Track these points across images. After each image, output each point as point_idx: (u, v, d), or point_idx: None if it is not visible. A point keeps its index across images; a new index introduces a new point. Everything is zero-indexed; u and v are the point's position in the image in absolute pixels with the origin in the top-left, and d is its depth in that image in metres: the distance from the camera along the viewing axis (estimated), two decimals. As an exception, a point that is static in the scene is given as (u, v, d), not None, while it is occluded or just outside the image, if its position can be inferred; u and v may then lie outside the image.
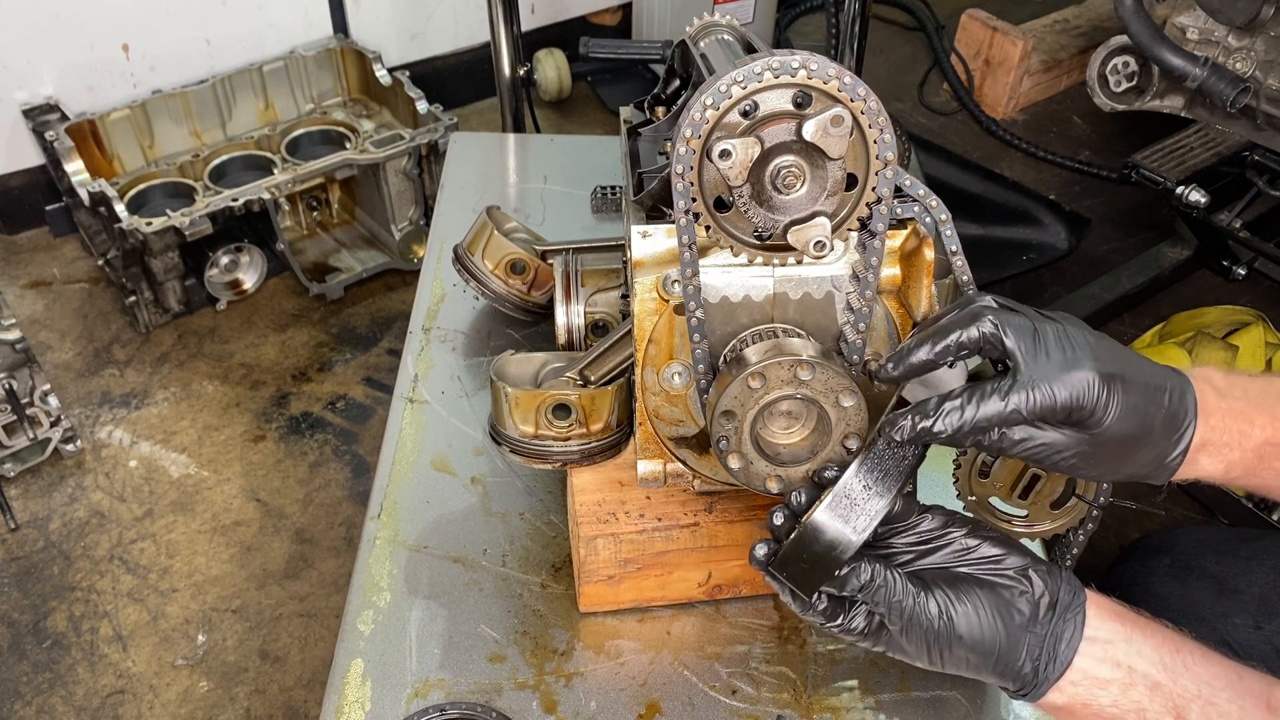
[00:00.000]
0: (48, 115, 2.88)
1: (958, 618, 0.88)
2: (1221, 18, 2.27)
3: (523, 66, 2.51)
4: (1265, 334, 2.56)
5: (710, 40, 1.25)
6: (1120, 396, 0.86)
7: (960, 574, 0.91)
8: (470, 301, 1.64)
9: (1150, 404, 0.88)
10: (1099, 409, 0.85)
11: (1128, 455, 0.90)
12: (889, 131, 0.90)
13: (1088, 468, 0.90)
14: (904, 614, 0.88)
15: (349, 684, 1.15)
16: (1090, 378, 0.85)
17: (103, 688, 2.13)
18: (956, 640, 0.88)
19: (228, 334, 2.90)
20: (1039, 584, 0.89)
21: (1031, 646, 0.88)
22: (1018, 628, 0.88)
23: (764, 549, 0.92)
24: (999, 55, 3.72)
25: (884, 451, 0.90)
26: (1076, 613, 0.88)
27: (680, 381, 1.08)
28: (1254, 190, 2.62)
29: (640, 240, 1.03)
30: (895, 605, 0.88)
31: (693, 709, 1.14)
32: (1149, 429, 0.88)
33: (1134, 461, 0.90)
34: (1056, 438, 0.88)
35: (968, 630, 0.88)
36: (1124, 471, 0.92)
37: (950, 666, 0.91)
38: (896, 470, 0.89)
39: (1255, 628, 1.28)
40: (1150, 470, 0.91)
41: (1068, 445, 0.88)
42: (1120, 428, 0.87)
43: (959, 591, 0.89)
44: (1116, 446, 0.88)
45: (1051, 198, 3.35)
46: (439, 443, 1.42)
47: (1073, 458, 0.89)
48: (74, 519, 2.43)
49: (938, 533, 0.93)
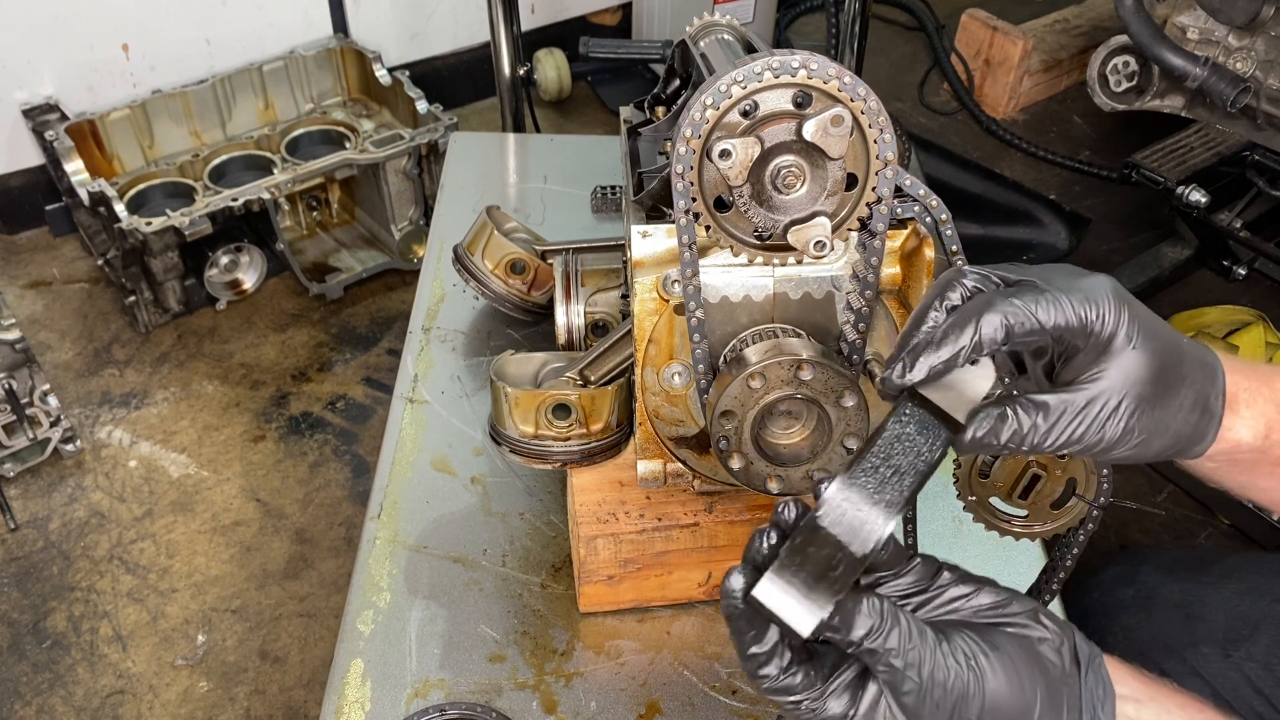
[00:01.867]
0: (47, 115, 2.88)
1: (990, 671, 0.70)
2: (1222, 17, 2.27)
3: (523, 66, 2.51)
4: (1265, 334, 2.56)
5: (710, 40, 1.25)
6: (1138, 314, 0.76)
7: (974, 622, 0.74)
8: (470, 301, 1.64)
9: (1168, 333, 0.78)
10: (1123, 321, 0.75)
11: (1170, 393, 0.78)
12: (889, 131, 0.90)
13: (1143, 421, 0.77)
14: (921, 668, 0.69)
15: (349, 684, 1.14)
16: (1105, 285, 0.76)
17: (102, 688, 2.13)
18: (988, 700, 0.70)
19: (227, 334, 2.90)
20: (1056, 631, 0.75)
21: (1071, 705, 0.73)
22: (1055, 679, 0.72)
23: (740, 579, 0.72)
24: (999, 55, 3.72)
25: (895, 447, 0.75)
26: (1100, 666, 0.76)
27: (680, 381, 1.08)
28: (1254, 190, 2.62)
29: (640, 240, 1.03)
30: (911, 655, 0.69)
31: (693, 709, 1.14)
32: (1178, 357, 0.78)
33: (1178, 404, 0.78)
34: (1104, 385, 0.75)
35: (1003, 687, 0.70)
36: (1176, 424, 0.79)
37: None
38: (912, 472, 0.75)
39: (1224, 656, 1.25)
40: (1197, 420, 0.80)
41: (1112, 390, 0.75)
42: (1151, 349, 0.76)
43: (986, 638, 0.72)
44: (1155, 378, 0.76)
45: (1052, 197, 3.35)
46: (439, 443, 1.42)
47: (1126, 410, 0.76)
48: (74, 519, 2.43)
49: (927, 581, 0.76)
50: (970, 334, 0.74)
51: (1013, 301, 0.74)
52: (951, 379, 0.77)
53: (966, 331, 0.74)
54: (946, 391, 0.77)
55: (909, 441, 0.75)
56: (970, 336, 0.74)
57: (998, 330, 0.74)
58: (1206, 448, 0.81)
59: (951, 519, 1.35)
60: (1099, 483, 1.03)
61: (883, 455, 0.75)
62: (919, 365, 0.75)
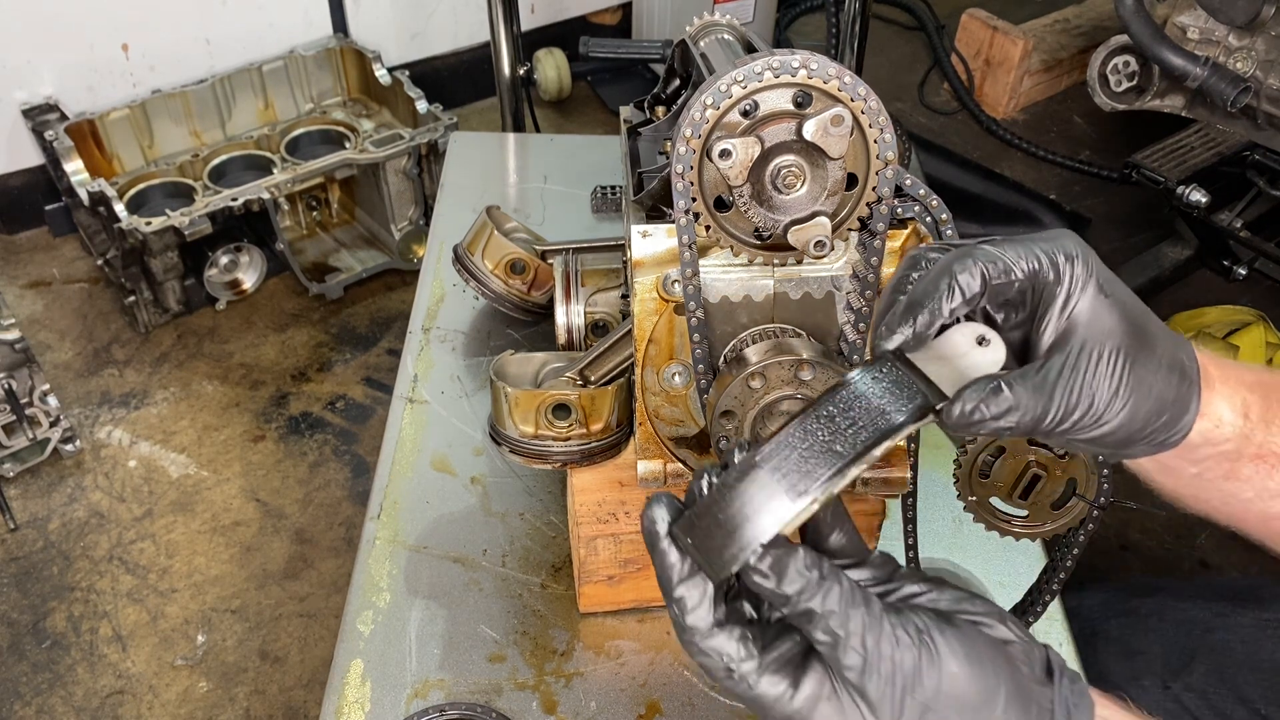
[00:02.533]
0: (47, 115, 2.88)
1: (946, 650, 0.63)
2: (1222, 17, 2.27)
3: (523, 66, 2.51)
4: (1266, 334, 2.56)
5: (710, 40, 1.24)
6: (1102, 265, 0.73)
7: (931, 608, 0.67)
8: (470, 301, 1.64)
9: (1130, 291, 0.74)
10: (1092, 266, 0.71)
11: (1148, 348, 0.73)
12: (889, 131, 0.90)
13: (1129, 377, 0.72)
14: (865, 636, 0.62)
15: (349, 684, 1.14)
16: (1069, 234, 0.73)
17: (102, 688, 2.13)
18: (944, 682, 0.63)
19: (227, 334, 2.90)
20: (1025, 636, 0.68)
21: (1042, 710, 0.65)
22: (1024, 680, 0.66)
23: (665, 510, 0.67)
24: (999, 55, 3.72)
25: (850, 405, 0.67)
26: (1080, 683, 0.69)
27: (680, 381, 1.08)
28: (1254, 190, 2.62)
29: (640, 240, 1.03)
30: (854, 621, 0.62)
31: (693, 709, 1.13)
32: (1144, 313, 0.74)
33: (1156, 361, 0.73)
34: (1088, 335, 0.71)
35: (962, 669, 0.63)
36: (1159, 385, 0.73)
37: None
38: (862, 435, 0.66)
39: (1164, 688, 1.26)
40: (1178, 384, 0.74)
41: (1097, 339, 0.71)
42: (1120, 298, 0.72)
43: (942, 618, 0.65)
44: (1130, 330, 0.72)
45: (1052, 197, 3.35)
46: (439, 443, 1.42)
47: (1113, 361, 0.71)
48: (73, 519, 2.43)
49: (885, 575, 0.70)
50: (946, 283, 0.70)
51: (983, 249, 0.71)
52: (953, 353, 0.72)
53: (942, 283, 0.70)
54: (941, 364, 0.72)
55: (878, 399, 0.68)
56: (946, 285, 0.70)
57: (973, 278, 0.70)
58: (1191, 422, 0.76)
59: (952, 519, 1.35)
60: (1099, 483, 1.03)
61: (842, 406, 0.67)
62: (903, 327, 0.70)
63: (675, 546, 0.66)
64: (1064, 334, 0.72)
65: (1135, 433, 0.74)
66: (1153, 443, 0.76)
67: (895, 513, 1.20)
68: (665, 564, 0.66)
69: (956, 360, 0.72)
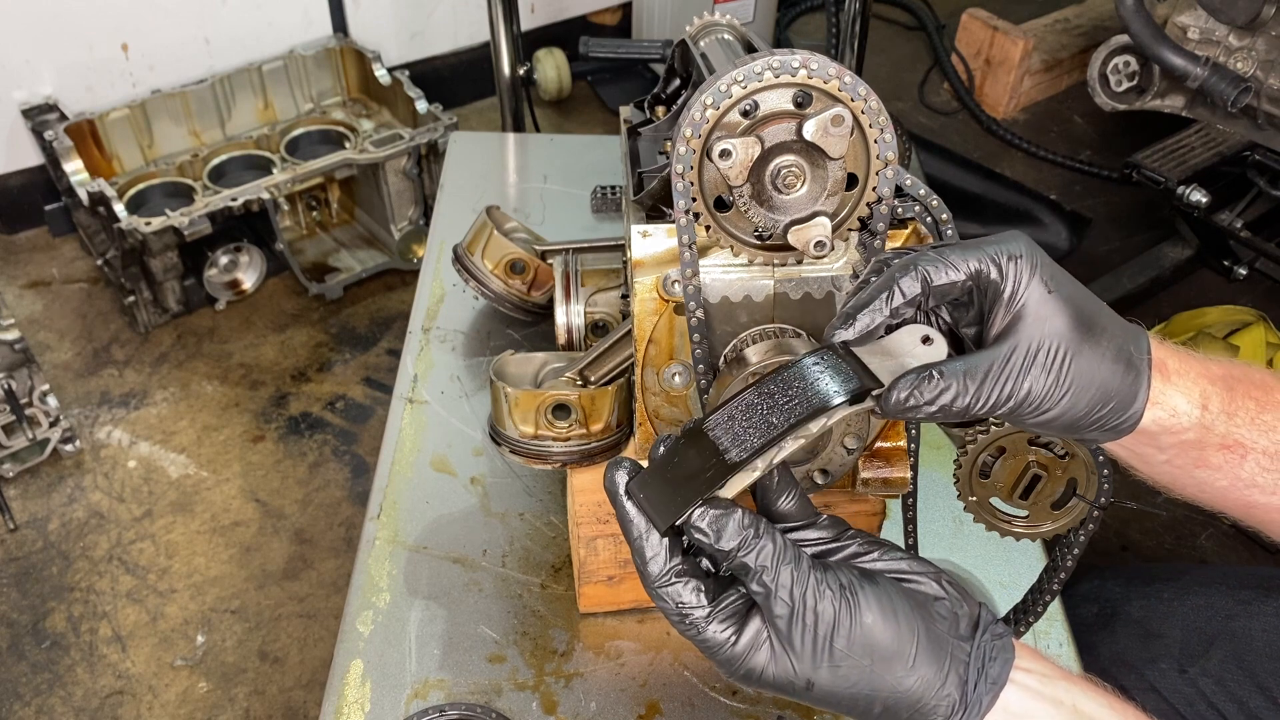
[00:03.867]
0: (47, 115, 2.88)
1: (865, 603, 0.70)
2: (1222, 17, 2.27)
3: (523, 66, 2.51)
4: (1266, 334, 2.56)
5: (710, 40, 1.24)
6: (1052, 265, 0.77)
7: (861, 566, 0.75)
8: (470, 301, 1.64)
9: (1082, 288, 0.78)
10: (1038, 266, 0.76)
11: (1092, 340, 0.76)
12: (889, 131, 0.90)
13: (1069, 371, 0.76)
14: (793, 589, 0.70)
15: (348, 685, 1.14)
16: (1019, 235, 0.77)
17: (102, 688, 2.13)
18: (860, 631, 0.70)
19: (227, 334, 2.90)
20: (955, 594, 0.75)
21: (957, 660, 0.72)
22: (941, 633, 0.72)
23: (624, 474, 0.76)
24: (999, 54, 3.72)
25: (789, 384, 0.75)
26: (1005, 638, 0.75)
27: (680, 381, 1.08)
28: (1255, 190, 2.62)
29: (640, 240, 1.03)
30: (784, 575, 0.70)
31: (693, 709, 1.13)
32: (1095, 307, 0.78)
33: (1101, 353, 0.77)
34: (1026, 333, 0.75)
35: (877, 622, 0.70)
36: (1102, 375, 0.77)
37: (842, 683, 0.71)
38: (797, 410, 0.73)
39: (1180, 672, 1.26)
40: (1124, 374, 0.78)
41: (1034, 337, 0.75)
42: (1067, 294, 0.76)
43: (867, 577, 0.73)
44: (1074, 325, 0.76)
45: (1052, 197, 3.35)
46: (439, 443, 1.42)
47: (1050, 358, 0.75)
48: (73, 519, 2.42)
49: (831, 538, 0.77)
50: (886, 285, 0.76)
51: (929, 255, 0.77)
52: (898, 350, 0.79)
53: (886, 286, 0.76)
54: (885, 359, 0.78)
55: (818, 381, 0.74)
56: (889, 287, 0.76)
57: (913, 282, 0.76)
58: (1140, 410, 0.79)
59: (952, 519, 1.35)
60: (1100, 483, 1.03)
61: (782, 384, 0.74)
62: (849, 323, 0.77)
63: (631, 502, 0.75)
64: (1007, 328, 0.76)
65: (1080, 419, 0.78)
66: (1103, 429, 0.80)
67: (895, 513, 1.20)
68: (624, 518, 0.75)
69: (900, 356, 0.79)
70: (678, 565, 0.74)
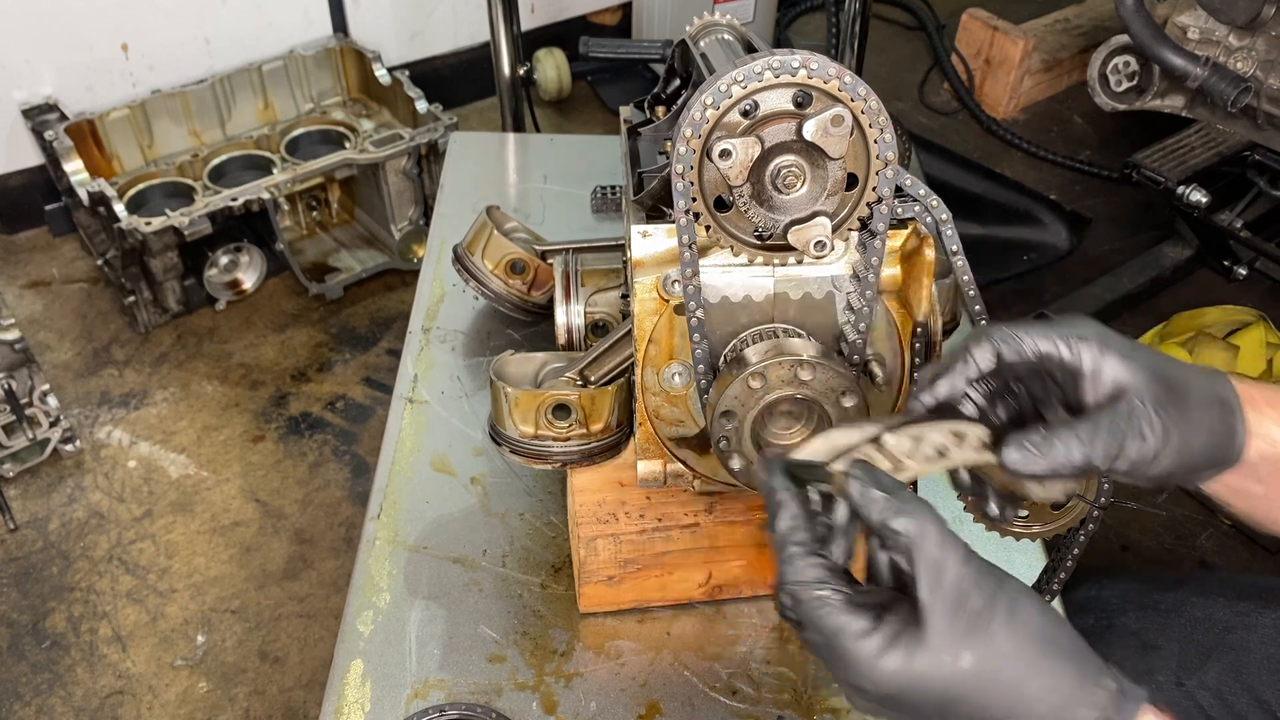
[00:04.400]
0: (47, 115, 2.88)
1: (1024, 596, 0.74)
2: (1222, 17, 2.26)
3: (523, 66, 2.51)
4: (1266, 334, 2.56)
5: (710, 40, 1.24)
6: (1114, 342, 0.82)
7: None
8: (470, 301, 1.64)
9: (1155, 358, 0.83)
10: (1110, 340, 0.81)
11: (1181, 390, 0.82)
12: (889, 131, 0.90)
13: (1171, 416, 0.80)
14: (939, 563, 0.72)
15: (348, 685, 1.14)
16: (1091, 321, 0.83)
17: (102, 688, 2.13)
18: (1021, 625, 0.72)
19: (227, 334, 2.90)
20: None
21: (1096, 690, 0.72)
22: (1086, 651, 0.74)
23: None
24: (999, 55, 3.72)
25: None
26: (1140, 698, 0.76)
27: (680, 381, 1.08)
28: (1255, 190, 2.61)
29: (640, 240, 1.03)
30: (932, 543, 0.74)
31: (693, 709, 1.13)
32: (1170, 362, 0.83)
33: (1194, 399, 0.82)
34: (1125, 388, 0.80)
35: (1038, 615, 0.73)
36: (1201, 417, 0.82)
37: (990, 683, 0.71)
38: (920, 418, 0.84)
39: (1177, 684, 1.25)
40: (1220, 414, 0.83)
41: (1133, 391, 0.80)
42: (1143, 357, 0.81)
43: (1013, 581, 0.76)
44: (1159, 380, 0.81)
45: (1052, 197, 3.35)
46: (439, 443, 1.42)
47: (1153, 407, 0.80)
48: (73, 519, 2.43)
49: None
50: (962, 357, 0.83)
51: (1003, 329, 0.83)
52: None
53: (960, 355, 0.84)
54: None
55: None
56: (963, 359, 0.83)
57: (988, 355, 0.83)
58: (1241, 444, 0.84)
59: (952, 519, 1.34)
60: (1099, 483, 1.03)
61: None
62: (936, 387, 0.84)
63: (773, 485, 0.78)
64: (1102, 397, 0.82)
65: (1192, 462, 0.83)
66: (1213, 468, 0.85)
67: (895, 513, 1.20)
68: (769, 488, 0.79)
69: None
70: (816, 534, 0.77)
